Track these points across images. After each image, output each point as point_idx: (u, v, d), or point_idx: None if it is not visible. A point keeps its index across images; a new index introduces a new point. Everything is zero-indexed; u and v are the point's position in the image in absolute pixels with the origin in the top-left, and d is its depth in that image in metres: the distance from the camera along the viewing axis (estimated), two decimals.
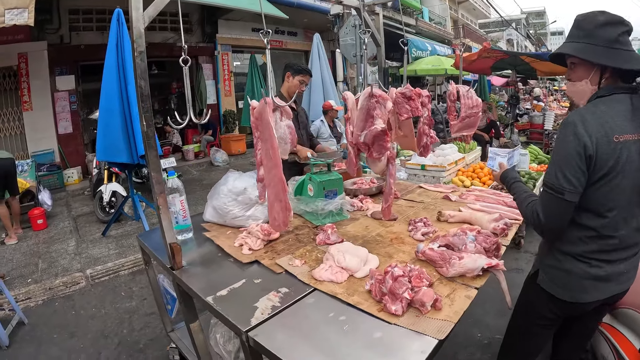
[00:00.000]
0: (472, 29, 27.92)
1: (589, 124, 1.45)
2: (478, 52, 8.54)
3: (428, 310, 1.43)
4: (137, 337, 3.44)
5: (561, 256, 1.64)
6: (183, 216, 2.32)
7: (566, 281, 1.63)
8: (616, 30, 1.49)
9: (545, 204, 1.56)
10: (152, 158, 1.84)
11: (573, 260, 1.61)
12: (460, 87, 2.98)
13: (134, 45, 1.72)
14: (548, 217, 1.55)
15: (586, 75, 1.58)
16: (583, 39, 1.55)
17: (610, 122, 1.46)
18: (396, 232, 2.21)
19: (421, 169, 4.64)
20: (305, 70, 3.47)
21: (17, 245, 5.52)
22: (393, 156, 2.13)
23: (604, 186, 1.49)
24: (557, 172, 1.50)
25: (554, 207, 1.53)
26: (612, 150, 1.45)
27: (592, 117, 1.46)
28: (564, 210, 1.52)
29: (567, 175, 1.47)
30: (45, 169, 8.24)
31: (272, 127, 1.71)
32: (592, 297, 1.62)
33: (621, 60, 1.49)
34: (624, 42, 1.50)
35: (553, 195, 1.51)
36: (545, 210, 1.55)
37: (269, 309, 1.52)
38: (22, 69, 8.16)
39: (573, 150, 1.46)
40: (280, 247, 2.08)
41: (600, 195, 1.51)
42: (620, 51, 1.49)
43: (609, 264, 1.58)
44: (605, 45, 1.50)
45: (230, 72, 11.81)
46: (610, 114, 1.47)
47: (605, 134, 1.45)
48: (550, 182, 1.52)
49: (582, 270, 1.59)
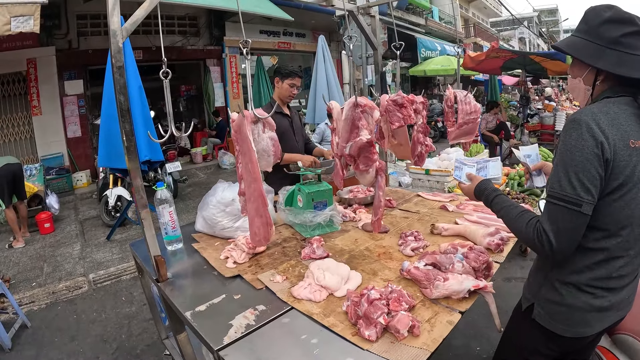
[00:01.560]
0: (483, 28, 27.64)
1: (603, 124, 1.27)
2: (486, 52, 8.44)
3: (404, 337, 1.36)
4: (134, 342, 3.46)
5: (563, 288, 1.43)
6: (172, 227, 2.31)
7: (568, 316, 1.43)
8: (620, 29, 1.31)
9: (555, 220, 1.30)
10: (134, 171, 1.82)
11: (577, 292, 1.40)
12: (457, 91, 2.90)
13: (113, 61, 1.70)
14: (561, 236, 1.29)
15: (580, 74, 1.44)
16: (583, 35, 1.39)
17: (625, 126, 1.29)
18: (385, 247, 2.16)
19: (425, 174, 4.58)
20: (293, 72, 3.36)
21: (24, 249, 5.60)
22: (382, 167, 2.08)
23: (619, 200, 1.30)
24: (571, 179, 1.27)
25: (568, 223, 1.28)
26: (628, 157, 1.27)
27: (605, 117, 1.29)
28: (579, 226, 1.29)
29: (585, 182, 1.25)
30: (54, 173, 8.34)
31: (250, 141, 1.67)
32: (594, 329, 1.44)
33: (614, 63, 1.32)
34: (628, 44, 1.31)
35: (566, 208, 1.27)
36: (555, 228, 1.30)
37: (243, 327, 1.49)
38: (31, 74, 8.27)
39: (590, 152, 1.25)
40: (264, 260, 2.06)
41: (614, 210, 1.31)
42: (619, 53, 1.31)
43: (612, 292, 1.40)
44: (602, 45, 1.34)
45: (238, 75, 11.83)
46: (624, 117, 1.31)
47: (621, 137, 1.27)
48: (562, 192, 1.29)
49: (586, 303, 1.39)
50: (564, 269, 1.42)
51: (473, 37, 25.06)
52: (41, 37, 7.85)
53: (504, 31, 37.37)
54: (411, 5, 16.29)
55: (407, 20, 15.84)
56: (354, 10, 3.01)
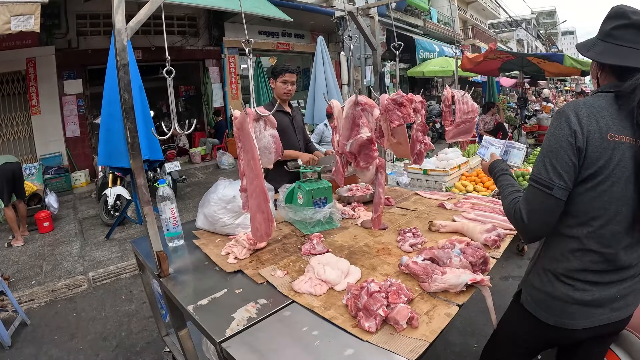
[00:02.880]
0: (481, 30, 27.71)
1: (582, 115, 1.33)
2: (484, 54, 8.47)
3: (403, 328, 1.39)
4: (134, 340, 3.48)
5: (543, 275, 1.50)
6: (174, 224, 2.33)
7: (548, 304, 1.49)
8: (611, 22, 1.40)
9: (530, 200, 1.41)
10: (137, 168, 1.85)
11: (555, 282, 1.46)
12: (455, 91, 2.93)
13: (118, 59, 1.73)
14: (532, 215, 1.40)
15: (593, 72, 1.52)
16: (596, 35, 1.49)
17: (607, 119, 1.33)
18: (384, 243, 2.19)
19: (423, 174, 4.61)
20: (284, 69, 3.35)
21: (23, 247, 5.62)
22: (382, 165, 2.11)
23: (591, 190, 1.35)
24: (546, 164, 1.37)
25: (540, 204, 1.38)
26: (603, 149, 1.31)
27: (586, 109, 1.35)
28: (551, 208, 1.38)
29: (557, 167, 1.34)
30: (53, 172, 8.35)
31: (252, 138, 1.70)
32: (581, 324, 1.44)
33: (600, 52, 1.41)
34: (619, 36, 1.37)
35: (539, 190, 1.37)
36: (528, 207, 1.41)
37: (245, 320, 1.51)
38: (31, 73, 8.30)
39: (564, 140, 1.33)
40: (265, 256, 2.08)
41: (586, 200, 1.37)
42: (607, 44, 1.40)
43: (596, 286, 1.42)
44: (598, 38, 1.44)
45: (237, 75, 11.86)
46: (609, 111, 1.35)
47: (599, 128, 1.32)
48: (538, 176, 1.39)
49: (565, 294, 1.44)
50: (546, 256, 1.51)
51: (471, 39, 25.14)
52: (41, 36, 7.89)
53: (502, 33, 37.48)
54: (410, 6, 16.35)
55: (406, 21, 15.91)
56: (353, 11, 3.04)
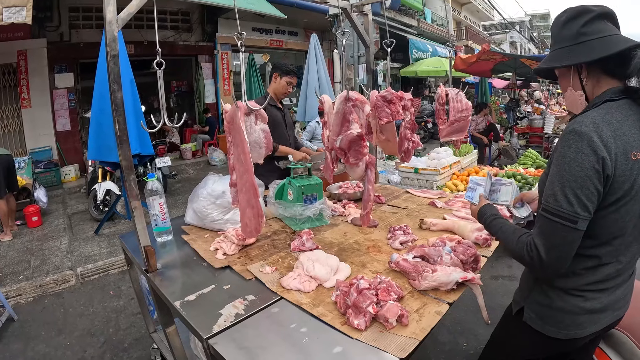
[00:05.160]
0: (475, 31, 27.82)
1: (605, 136, 1.20)
2: (477, 54, 8.50)
3: (393, 326, 1.38)
4: (122, 336, 3.46)
5: (551, 292, 1.41)
6: (162, 218, 2.31)
7: (559, 319, 1.40)
8: (578, 22, 1.32)
9: (548, 235, 1.27)
10: (126, 161, 1.83)
11: (565, 296, 1.38)
12: (449, 89, 2.93)
13: (108, 49, 1.71)
14: (552, 252, 1.26)
15: (567, 83, 1.41)
16: (554, 47, 1.41)
17: (628, 136, 1.23)
18: (374, 240, 2.18)
19: (414, 172, 4.63)
20: (293, 71, 3.41)
21: (11, 242, 5.55)
22: (372, 162, 2.11)
23: (614, 213, 1.26)
24: (568, 194, 1.22)
25: (561, 239, 1.24)
26: (629, 170, 1.22)
27: (607, 127, 1.21)
28: (573, 242, 1.25)
29: (582, 199, 1.20)
30: (42, 166, 8.24)
31: (243, 132, 1.68)
32: (589, 330, 1.39)
33: (586, 52, 1.30)
34: (592, 31, 1.30)
35: (561, 224, 1.23)
36: (547, 244, 1.26)
37: (233, 316, 1.50)
38: (22, 66, 8.19)
39: (590, 168, 1.19)
40: (254, 252, 2.07)
41: (608, 222, 1.27)
42: (586, 43, 1.30)
43: (604, 292, 1.37)
44: (569, 44, 1.34)
45: (229, 72, 11.79)
46: (627, 125, 1.24)
47: (623, 149, 1.21)
48: (558, 209, 1.24)
49: (576, 306, 1.37)
50: None
51: (465, 40, 25.25)
52: (33, 29, 7.79)
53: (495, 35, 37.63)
54: (404, 6, 16.37)
55: (400, 21, 15.92)
56: (347, 8, 3.03)
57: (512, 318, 1.58)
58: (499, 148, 9.74)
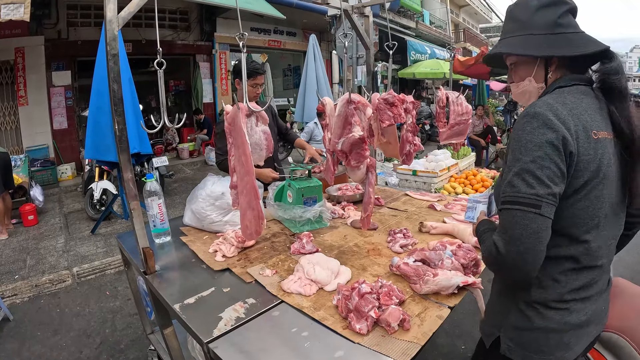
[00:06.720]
0: (473, 33, 27.87)
1: (562, 114, 1.09)
2: (476, 57, 8.51)
3: (395, 330, 1.37)
4: (118, 337, 3.43)
5: (529, 310, 1.20)
6: (161, 220, 2.29)
7: (543, 342, 1.19)
8: (555, 11, 1.21)
9: (508, 228, 1.09)
10: (124, 162, 1.81)
11: (546, 311, 1.18)
12: (449, 93, 2.93)
13: (108, 48, 1.69)
14: (512, 246, 1.07)
15: (529, 73, 1.28)
16: (519, 32, 1.26)
17: (585, 115, 1.13)
18: (374, 243, 2.17)
19: (412, 175, 4.62)
20: (253, 72, 3.03)
21: (7, 240, 5.50)
22: (373, 164, 2.10)
23: (584, 199, 1.11)
24: (526, 177, 1.07)
25: (522, 229, 1.06)
26: (593, 150, 1.10)
27: (563, 107, 1.12)
28: (541, 232, 1.06)
29: (544, 179, 1.05)
30: (39, 165, 8.19)
31: (244, 134, 1.67)
32: (575, 352, 1.21)
33: (567, 45, 1.19)
34: (567, 23, 1.21)
35: (521, 211, 1.06)
36: (506, 237, 1.09)
37: (233, 320, 1.48)
38: (19, 63, 8.13)
39: (549, 146, 1.06)
40: (254, 255, 2.05)
41: (579, 211, 1.12)
42: (564, 35, 1.20)
43: (588, 302, 1.20)
44: (545, 33, 1.21)
45: (227, 71, 11.74)
46: (582, 106, 1.15)
47: (583, 128, 1.11)
48: (516, 194, 1.08)
49: (561, 321, 1.17)
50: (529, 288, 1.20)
51: (463, 42, 25.29)
52: (30, 26, 7.73)
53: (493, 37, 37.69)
54: (402, 8, 16.38)
55: (398, 22, 15.93)
56: (348, 10, 3.02)
57: (486, 352, 1.34)
58: (497, 150, 9.75)
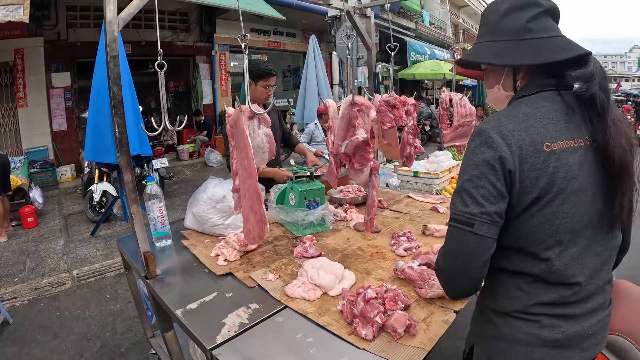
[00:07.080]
0: (472, 34, 27.85)
1: (506, 130, 1.06)
2: None
3: (401, 336, 1.36)
4: (119, 340, 3.40)
5: (497, 318, 1.16)
6: (162, 223, 2.27)
7: (511, 354, 1.12)
8: (523, 15, 1.13)
9: (446, 242, 1.13)
10: (125, 164, 1.79)
11: (511, 320, 1.12)
12: (453, 94, 2.91)
13: (108, 50, 1.67)
14: (448, 260, 1.12)
15: (497, 81, 1.24)
16: (487, 37, 1.20)
17: (537, 127, 1.07)
18: (378, 246, 2.15)
19: (414, 176, 4.60)
20: (266, 72, 2.97)
21: (6, 243, 5.49)
22: (376, 167, 2.08)
23: (537, 215, 1.06)
24: (463, 195, 1.08)
25: (456, 245, 1.09)
26: (542, 164, 1.04)
27: (511, 121, 1.08)
28: (474, 250, 1.06)
29: (478, 199, 1.05)
30: (38, 166, 8.17)
31: (247, 137, 1.65)
32: None
33: (532, 53, 1.12)
34: (538, 28, 1.13)
35: (456, 228, 1.08)
36: (443, 251, 1.13)
37: (237, 326, 1.46)
38: (18, 64, 8.12)
39: (484, 165, 1.05)
40: (256, 258, 2.03)
41: (533, 228, 1.07)
42: (532, 41, 1.13)
43: (567, 320, 1.10)
44: (510, 39, 1.15)
45: (227, 72, 11.74)
46: (537, 117, 1.08)
47: (531, 141, 1.05)
48: (454, 211, 1.09)
49: (529, 333, 1.10)
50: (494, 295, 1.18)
51: (462, 43, 25.27)
52: (30, 27, 7.73)
53: None
54: (402, 8, 16.38)
55: (398, 23, 15.93)
56: (350, 11, 3.00)
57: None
58: None
